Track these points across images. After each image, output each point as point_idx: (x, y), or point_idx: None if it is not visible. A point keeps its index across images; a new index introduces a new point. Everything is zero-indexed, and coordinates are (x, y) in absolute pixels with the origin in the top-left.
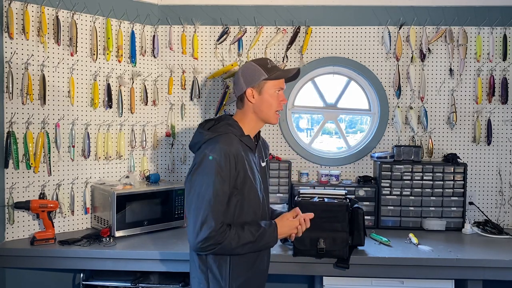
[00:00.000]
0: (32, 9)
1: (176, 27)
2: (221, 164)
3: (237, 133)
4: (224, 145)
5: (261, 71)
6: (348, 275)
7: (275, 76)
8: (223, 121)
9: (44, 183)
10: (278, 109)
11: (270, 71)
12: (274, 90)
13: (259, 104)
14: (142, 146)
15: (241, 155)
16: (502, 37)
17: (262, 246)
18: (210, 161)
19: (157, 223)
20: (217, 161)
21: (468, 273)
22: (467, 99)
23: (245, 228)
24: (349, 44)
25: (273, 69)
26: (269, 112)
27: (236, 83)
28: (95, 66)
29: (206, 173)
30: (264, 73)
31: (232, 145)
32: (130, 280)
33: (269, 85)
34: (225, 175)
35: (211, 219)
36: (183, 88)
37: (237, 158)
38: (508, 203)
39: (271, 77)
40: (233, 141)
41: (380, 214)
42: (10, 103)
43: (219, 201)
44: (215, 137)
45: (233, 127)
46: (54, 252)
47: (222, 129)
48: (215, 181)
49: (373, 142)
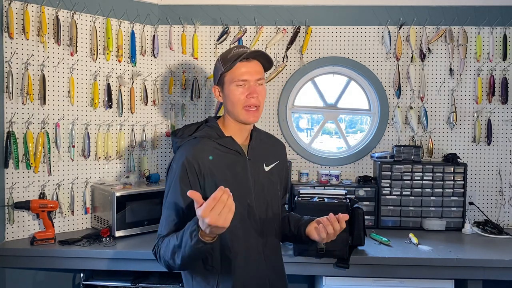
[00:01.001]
0: (32, 9)
1: (176, 27)
2: (178, 173)
3: (213, 135)
4: (185, 151)
5: (220, 65)
6: (348, 275)
7: (227, 68)
8: (204, 124)
9: (44, 183)
10: (247, 104)
11: (227, 62)
12: (234, 83)
13: (225, 102)
14: (142, 146)
15: (209, 160)
16: (502, 37)
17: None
18: (171, 171)
19: (157, 223)
20: (176, 171)
21: (468, 273)
22: (467, 99)
23: (175, 234)
24: (349, 44)
25: (231, 59)
26: (235, 109)
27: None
28: (95, 66)
29: (167, 183)
30: (221, 67)
31: (197, 150)
32: (130, 280)
33: (229, 77)
34: (183, 185)
35: (160, 229)
36: (183, 88)
37: (203, 164)
38: (508, 203)
39: (226, 68)
40: (203, 145)
41: (380, 214)
42: (10, 103)
43: (175, 209)
44: (183, 144)
45: (212, 129)
46: (54, 252)
47: (195, 133)
48: (170, 192)
49: (373, 142)
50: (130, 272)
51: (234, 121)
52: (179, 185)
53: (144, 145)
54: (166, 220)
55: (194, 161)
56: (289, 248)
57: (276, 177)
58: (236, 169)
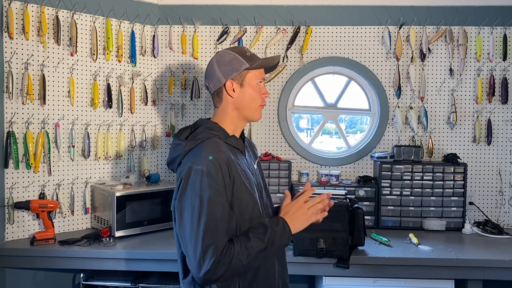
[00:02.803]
0: (32, 9)
1: (176, 27)
2: (211, 175)
3: (221, 135)
4: (210, 152)
5: (241, 60)
6: (348, 275)
7: (257, 64)
8: (201, 126)
9: (44, 183)
10: (262, 104)
11: (251, 59)
12: (256, 81)
13: (241, 98)
14: (142, 146)
15: (232, 160)
16: (502, 37)
17: (277, 248)
18: (198, 174)
19: (157, 223)
20: (206, 173)
21: (468, 273)
22: (467, 99)
23: (250, 237)
24: (349, 44)
25: (253, 57)
26: (251, 106)
27: (210, 76)
28: (95, 66)
29: (196, 189)
30: (245, 62)
31: (220, 150)
32: (130, 280)
33: (251, 75)
34: (221, 187)
35: (212, 244)
36: (183, 88)
37: (229, 164)
38: (508, 203)
39: (252, 66)
40: (220, 145)
41: (380, 214)
42: (10, 103)
43: (219, 219)
44: (197, 146)
45: (215, 130)
46: (54, 252)
47: (203, 135)
48: (209, 197)
49: (373, 142)
50: (130, 272)
51: (239, 119)
52: (214, 189)
53: (144, 145)
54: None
55: (221, 161)
56: (289, 248)
57: (261, 174)
58: (244, 168)
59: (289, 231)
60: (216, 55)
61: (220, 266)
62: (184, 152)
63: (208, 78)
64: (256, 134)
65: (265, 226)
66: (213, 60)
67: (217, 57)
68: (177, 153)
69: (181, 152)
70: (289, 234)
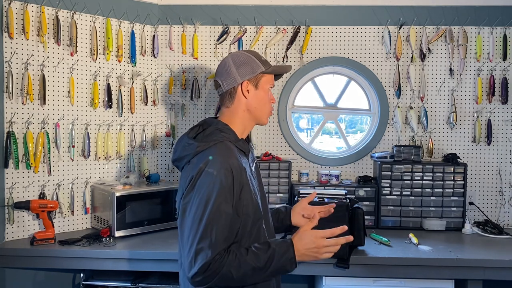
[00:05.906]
0: (32, 9)
1: (176, 27)
2: (222, 181)
3: (232, 138)
4: (223, 157)
5: (258, 63)
6: (348, 275)
7: (272, 70)
8: (211, 127)
9: (44, 183)
10: (271, 110)
11: (265, 64)
12: (268, 86)
13: (254, 100)
14: (142, 146)
15: (242, 166)
16: (502, 37)
17: (276, 271)
18: (209, 178)
19: (157, 223)
20: (218, 178)
21: (468, 273)
22: (467, 99)
23: (249, 251)
24: (349, 44)
25: (267, 62)
26: (263, 110)
27: (225, 74)
28: (95, 66)
29: (203, 192)
30: (261, 65)
31: (233, 156)
32: (130, 280)
33: (265, 79)
34: (228, 194)
35: (206, 247)
36: (183, 88)
37: (241, 170)
38: (508, 203)
39: (268, 71)
40: (233, 150)
41: (380, 214)
42: (10, 103)
43: (219, 225)
44: (209, 148)
45: (226, 132)
46: (54, 252)
47: (215, 137)
48: (215, 201)
49: (373, 142)
50: (130, 272)
51: (249, 121)
52: (223, 195)
53: (144, 145)
54: (209, 234)
55: (234, 168)
56: None
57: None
58: (247, 172)
59: (293, 257)
60: (231, 54)
61: (208, 272)
62: (196, 152)
63: (221, 76)
64: (256, 134)
65: (269, 244)
66: (228, 59)
67: (233, 57)
68: (188, 152)
69: (192, 151)
70: (292, 261)
